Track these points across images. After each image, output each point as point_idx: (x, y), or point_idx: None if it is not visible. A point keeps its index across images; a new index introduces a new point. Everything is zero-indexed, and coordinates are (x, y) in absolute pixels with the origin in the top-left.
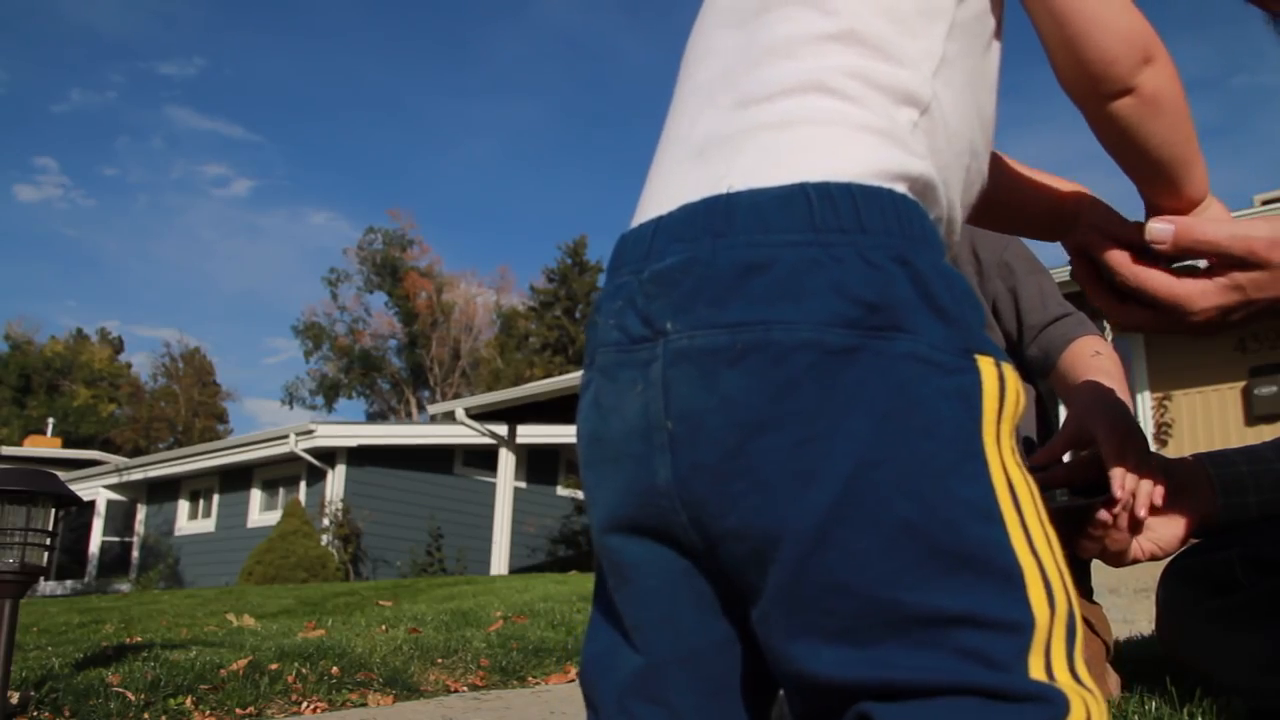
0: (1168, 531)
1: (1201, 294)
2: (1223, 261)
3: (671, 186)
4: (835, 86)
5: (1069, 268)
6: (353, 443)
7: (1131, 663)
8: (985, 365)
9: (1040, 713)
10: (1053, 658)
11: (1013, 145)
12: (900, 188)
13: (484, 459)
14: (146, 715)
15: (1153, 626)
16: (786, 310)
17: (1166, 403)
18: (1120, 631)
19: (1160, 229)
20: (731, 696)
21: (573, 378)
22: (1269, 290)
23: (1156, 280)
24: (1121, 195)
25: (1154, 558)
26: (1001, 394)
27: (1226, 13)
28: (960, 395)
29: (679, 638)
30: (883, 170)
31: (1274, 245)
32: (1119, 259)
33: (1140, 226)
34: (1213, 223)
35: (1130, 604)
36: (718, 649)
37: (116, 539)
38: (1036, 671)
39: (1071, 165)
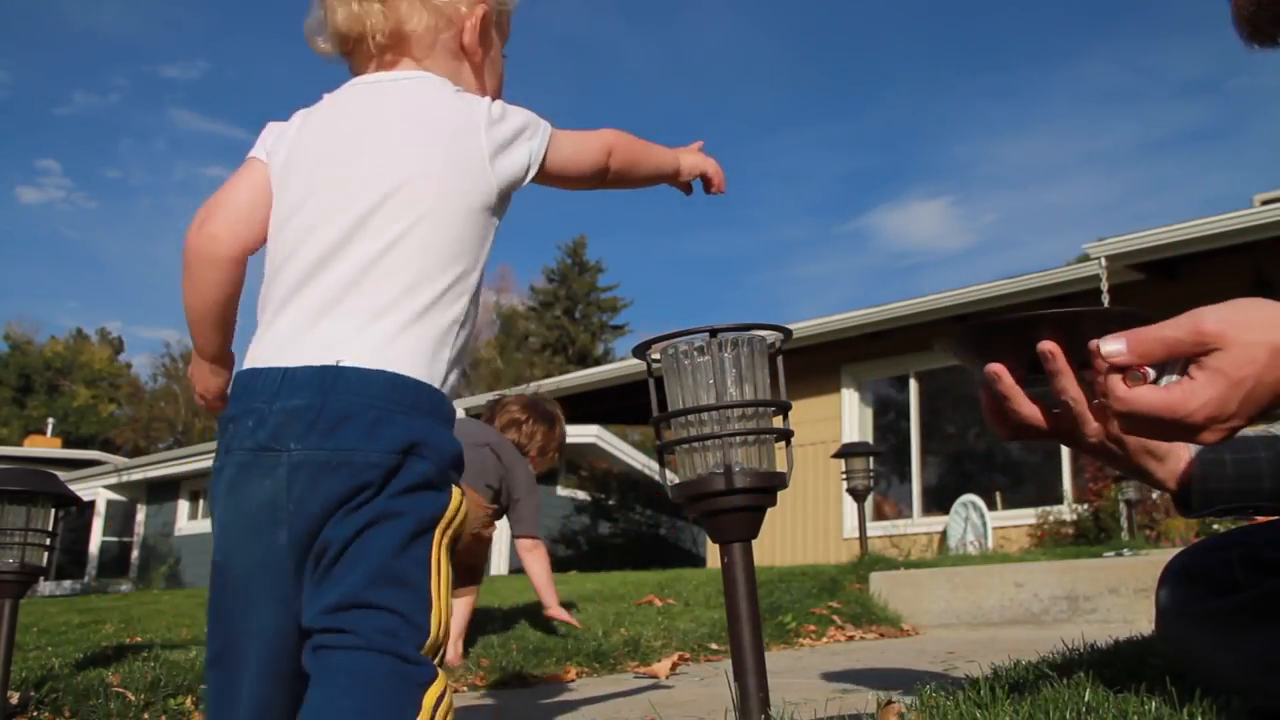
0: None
1: (1190, 392)
2: (1183, 355)
3: (292, 346)
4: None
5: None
6: None
7: (1131, 662)
8: (455, 490)
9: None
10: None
11: (1011, 146)
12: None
13: None
14: (146, 715)
15: (1152, 626)
16: (365, 443)
17: None
18: (1120, 631)
19: (1114, 345)
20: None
21: (572, 378)
22: (1248, 368)
23: (1147, 398)
24: (1120, 196)
25: (1105, 448)
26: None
27: (1225, 14)
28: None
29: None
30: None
31: (1225, 324)
32: (1113, 389)
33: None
34: (1159, 326)
35: (1130, 604)
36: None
37: (116, 539)
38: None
39: (1070, 166)
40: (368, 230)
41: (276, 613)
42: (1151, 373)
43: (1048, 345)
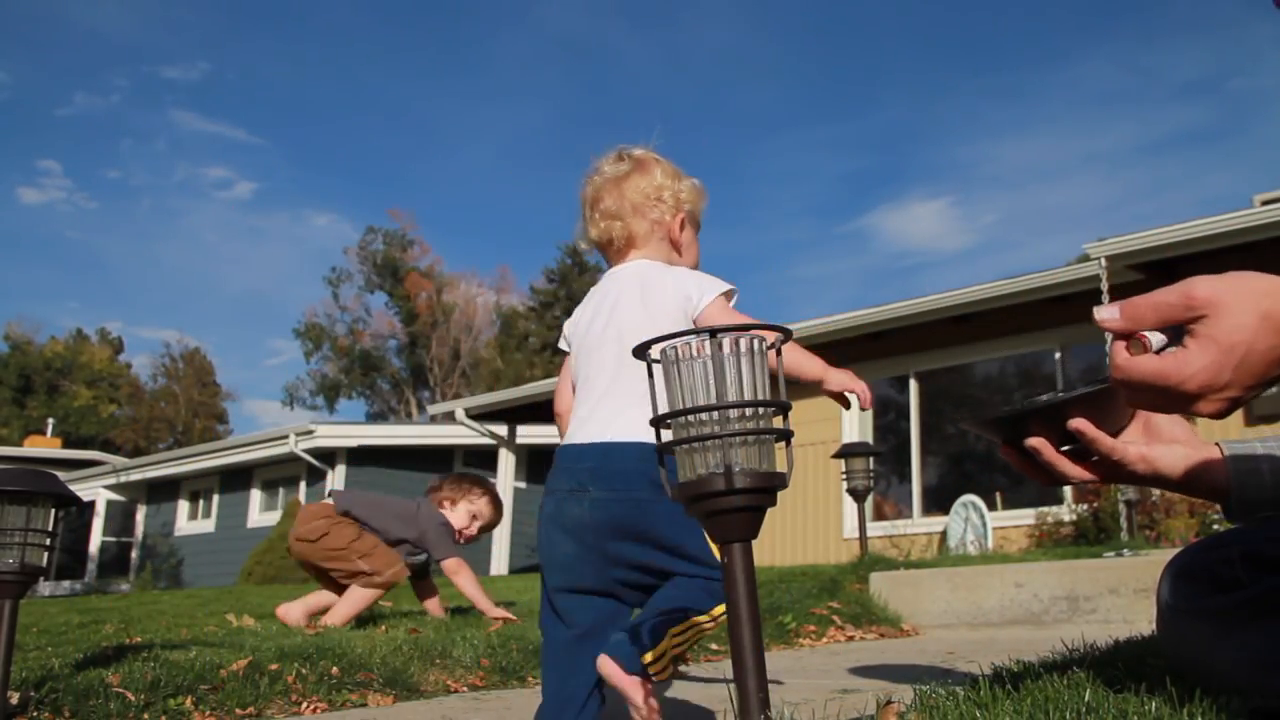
0: (1169, 457)
1: (1183, 360)
2: (1174, 320)
3: (584, 431)
4: None
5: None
6: (352, 443)
7: (1131, 662)
8: None
9: None
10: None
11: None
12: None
13: (484, 459)
14: (146, 715)
15: (1153, 626)
16: (633, 488)
17: None
18: (1120, 631)
19: (1108, 311)
20: None
21: None
22: (1237, 335)
23: (1141, 365)
24: (1120, 196)
25: (1142, 472)
26: None
27: (1224, 16)
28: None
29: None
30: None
31: (1216, 291)
32: (1114, 356)
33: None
34: (1154, 292)
35: (1130, 604)
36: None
37: (116, 539)
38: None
39: (1069, 167)
40: (620, 364)
41: (585, 576)
42: (1154, 344)
43: (1079, 424)
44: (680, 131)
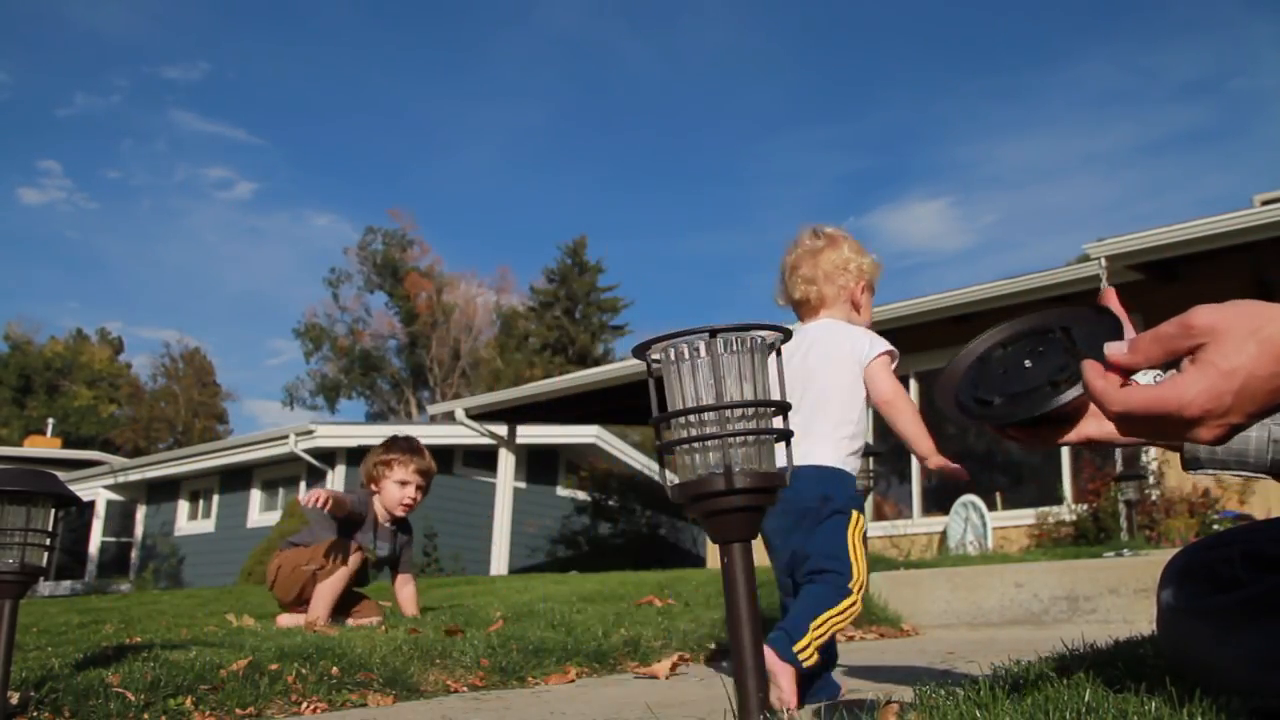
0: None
1: (1181, 385)
2: (1176, 351)
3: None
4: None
5: None
6: (352, 443)
7: (1131, 662)
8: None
9: None
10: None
11: (1011, 148)
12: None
13: (484, 459)
14: (146, 715)
15: (1153, 626)
16: (819, 495)
17: None
18: (1120, 631)
19: (1117, 348)
20: None
21: (572, 378)
22: (1236, 359)
23: (1136, 395)
24: (1120, 196)
25: (1096, 439)
26: None
27: (1224, 16)
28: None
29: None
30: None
31: (1214, 318)
32: (1106, 393)
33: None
34: (1155, 327)
35: (1130, 604)
36: None
37: (116, 539)
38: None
39: (1069, 167)
40: (815, 406)
41: (781, 565)
42: (1149, 376)
43: (1087, 433)
44: (680, 132)
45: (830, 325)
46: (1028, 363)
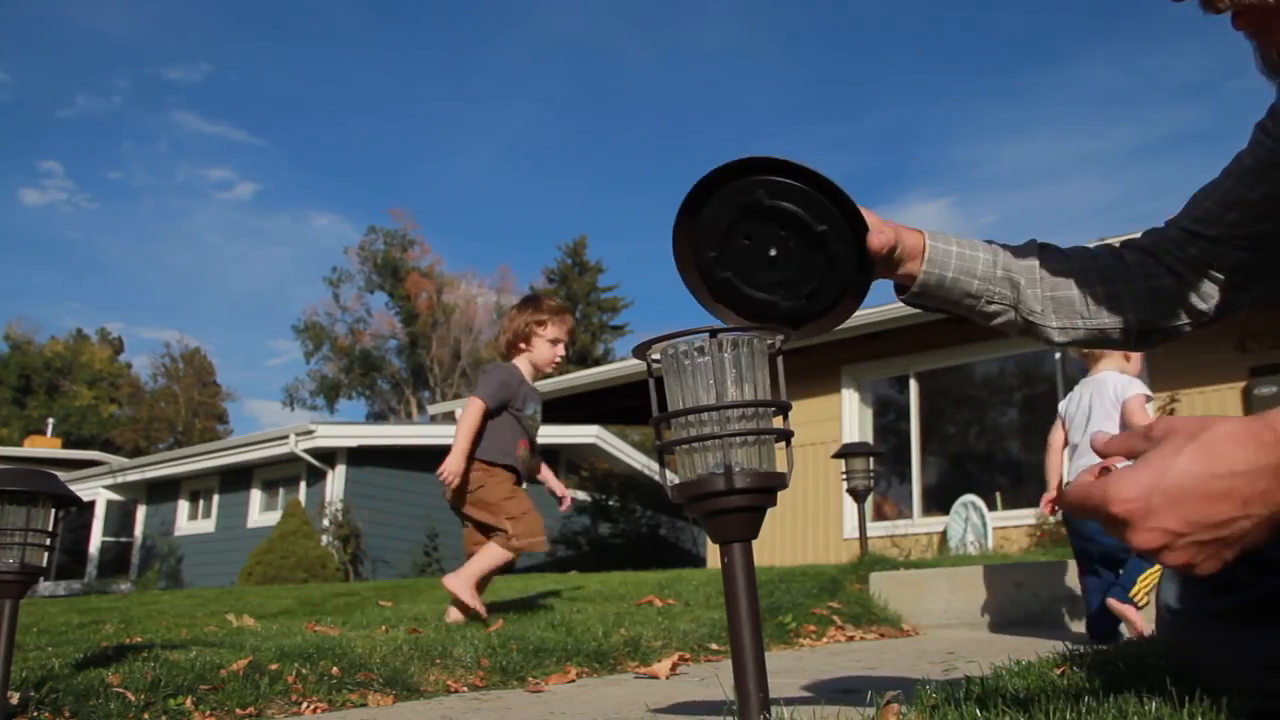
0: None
1: (1114, 478)
2: (1136, 452)
3: (1072, 464)
4: None
5: None
6: (353, 443)
7: (1131, 662)
8: None
9: None
10: None
11: (1011, 148)
12: None
13: None
14: (146, 715)
15: (1153, 626)
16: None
17: (1175, 403)
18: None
19: (1103, 438)
20: None
21: (572, 378)
22: (1169, 459)
23: (1077, 483)
24: (1120, 197)
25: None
26: None
27: (1223, 17)
28: None
29: None
30: None
31: (1175, 421)
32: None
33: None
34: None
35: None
36: None
37: (116, 539)
38: None
39: (1068, 168)
40: (1086, 430)
41: (1090, 553)
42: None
43: None
44: (680, 133)
45: (1107, 374)
46: (773, 252)
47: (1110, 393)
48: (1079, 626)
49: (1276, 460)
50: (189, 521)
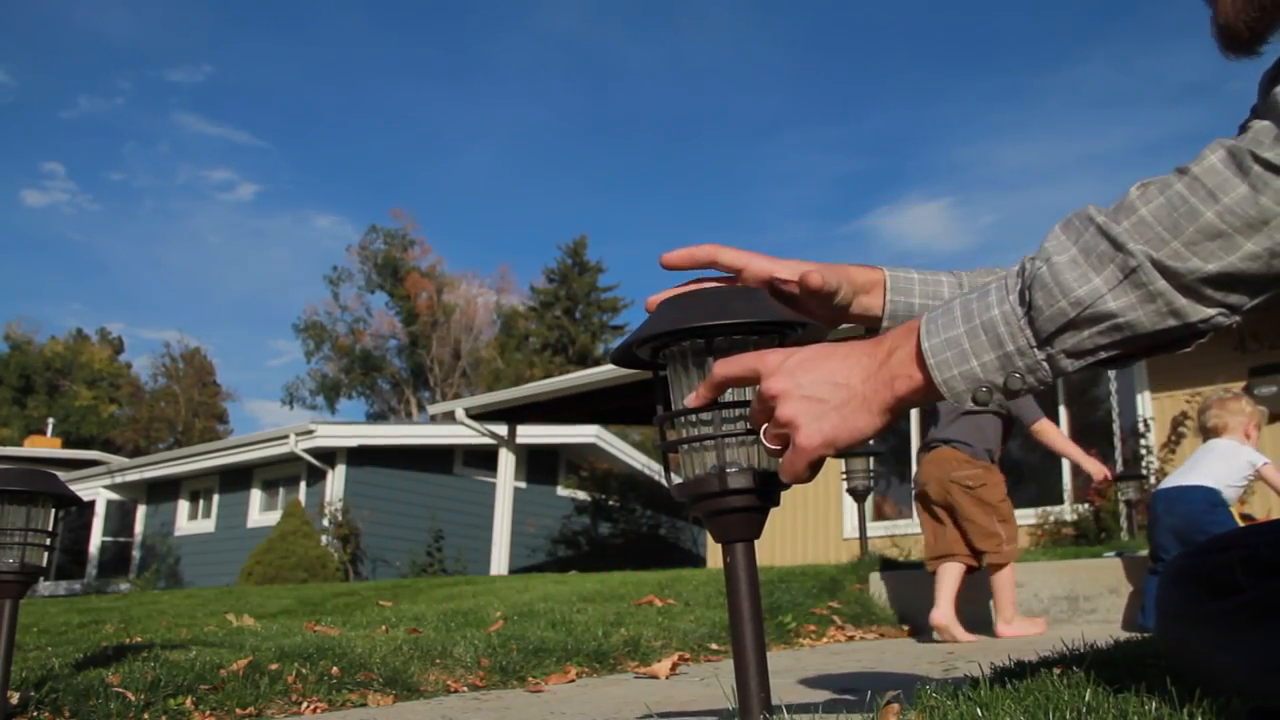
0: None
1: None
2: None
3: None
4: None
5: None
6: (353, 443)
7: (1131, 662)
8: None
9: None
10: None
11: (1010, 148)
12: None
13: (484, 459)
14: (146, 715)
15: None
16: (1190, 503)
17: (1193, 401)
18: (1120, 632)
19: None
20: None
21: (572, 378)
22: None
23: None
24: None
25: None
26: None
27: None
28: None
29: None
30: None
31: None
32: None
33: None
34: None
35: (1130, 604)
36: None
37: (116, 539)
38: None
39: (1067, 169)
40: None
41: (1172, 549)
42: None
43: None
44: (680, 134)
45: (1226, 442)
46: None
47: (1233, 459)
48: (1079, 626)
49: (882, 356)
50: (189, 521)
